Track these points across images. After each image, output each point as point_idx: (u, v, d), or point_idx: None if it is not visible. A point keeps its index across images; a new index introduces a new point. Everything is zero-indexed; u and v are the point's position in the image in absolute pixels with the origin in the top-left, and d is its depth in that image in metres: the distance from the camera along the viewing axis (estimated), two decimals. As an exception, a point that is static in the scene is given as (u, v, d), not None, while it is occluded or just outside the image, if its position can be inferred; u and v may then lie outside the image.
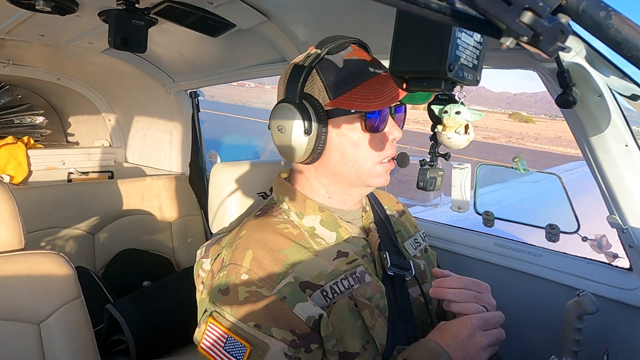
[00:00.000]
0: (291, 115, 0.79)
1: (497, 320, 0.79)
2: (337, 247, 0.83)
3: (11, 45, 2.07)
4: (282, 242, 0.80)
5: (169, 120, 2.59)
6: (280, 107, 0.82)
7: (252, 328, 0.72)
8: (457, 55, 0.61)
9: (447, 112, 0.83)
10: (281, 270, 0.76)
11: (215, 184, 1.03)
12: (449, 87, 0.66)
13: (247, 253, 0.78)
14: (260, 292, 0.74)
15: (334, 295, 0.77)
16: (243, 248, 0.79)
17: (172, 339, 1.78)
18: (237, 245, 0.81)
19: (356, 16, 1.18)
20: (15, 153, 2.57)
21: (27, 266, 1.04)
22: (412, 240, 0.99)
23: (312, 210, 0.85)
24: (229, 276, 0.77)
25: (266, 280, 0.75)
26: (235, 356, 0.72)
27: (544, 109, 68.60)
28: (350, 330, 0.77)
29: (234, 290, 0.75)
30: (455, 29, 0.59)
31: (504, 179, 3.07)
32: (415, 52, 0.62)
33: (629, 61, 0.36)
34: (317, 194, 0.88)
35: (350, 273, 0.80)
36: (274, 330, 0.72)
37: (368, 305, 0.79)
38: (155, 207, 2.37)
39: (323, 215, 0.85)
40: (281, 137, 0.82)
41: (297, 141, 0.80)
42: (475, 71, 0.68)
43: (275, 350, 0.71)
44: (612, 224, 1.00)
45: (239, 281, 0.76)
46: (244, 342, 0.72)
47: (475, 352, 0.74)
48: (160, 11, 1.41)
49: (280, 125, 0.81)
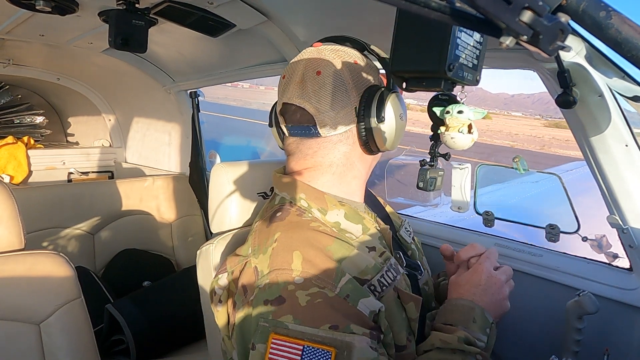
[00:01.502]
0: (402, 102, 0.84)
1: (496, 255, 0.88)
2: (365, 241, 0.82)
3: (11, 45, 2.07)
4: (325, 239, 0.76)
5: (169, 120, 2.59)
6: (396, 96, 0.83)
7: (329, 331, 0.66)
8: (457, 54, 0.61)
9: (449, 112, 0.82)
10: (337, 268, 0.72)
11: (215, 184, 1.03)
12: (448, 87, 0.66)
13: (295, 255, 0.73)
14: (323, 293, 0.69)
15: (383, 289, 0.76)
16: (286, 250, 0.74)
17: (172, 338, 1.78)
18: (275, 249, 0.75)
19: (356, 16, 1.18)
20: (15, 153, 2.57)
21: (27, 266, 1.04)
22: (403, 229, 1.01)
23: (334, 205, 0.83)
24: (277, 283, 0.71)
25: (325, 280, 0.70)
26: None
27: (542, 109, 68.73)
28: (397, 323, 0.76)
29: (290, 296, 0.69)
30: (455, 29, 0.59)
31: (504, 179, 3.07)
32: (415, 51, 0.62)
33: (629, 61, 0.36)
34: (333, 188, 0.86)
35: (389, 265, 0.79)
36: (353, 327, 0.67)
37: (413, 297, 0.79)
38: (155, 207, 2.37)
39: (345, 209, 0.83)
40: (402, 124, 0.85)
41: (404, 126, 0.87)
42: (475, 71, 0.68)
43: (362, 346, 0.66)
44: (612, 224, 1.00)
45: (293, 287, 0.70)
46: (325, 347, 0.66)
47: (498, 291, 0.81)
48: (160, 11, 1.41)
49: (402, 113, 0.84)
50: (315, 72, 0.82)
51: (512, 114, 76.31)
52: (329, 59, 0.83)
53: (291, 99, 0.84)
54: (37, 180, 2.63)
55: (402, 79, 0.71)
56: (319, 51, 0.84)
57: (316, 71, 0.82)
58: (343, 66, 0.82)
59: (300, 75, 0.83)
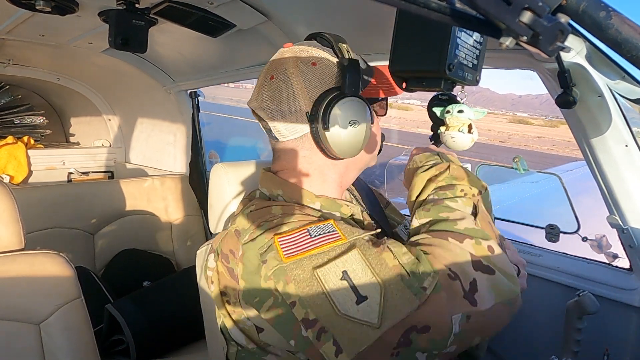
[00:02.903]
0: (362, 108, 0.79)
1: None
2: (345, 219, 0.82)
3: (11, 45, 2.07)
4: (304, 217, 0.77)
5: (168, 120, 2.59)
6: (352, 101, 0.78)
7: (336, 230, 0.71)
8: (457, 54, 0.61)
9: (449, 112, 0.82)
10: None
11: (215, 184, 1.03)
12: (448, 87, 0.66)
13: (274, 207, 0.78)
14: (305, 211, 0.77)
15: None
16: (264, 208, 0.78)
17: (172, 338, 1.78)
18: (252, 210, 0.79)
19: (356, 16, 1.18)
20: (16, 153, 2.57)
21: (27, 266, 1.04)
22: (402, 227, 1.02)
23: (310, 200, 0.83)
24: (261, 225, 0.74)
25: (304, 206, 0.77)
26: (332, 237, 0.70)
27: (549, 110, 68.64)
28: None
29: (277, 220, 0.74)
30: (455, 29, 0.59)
31: (504, 179, 3.07)
32: (415, 51, 0.62)
33: (629, 61, 0.36)
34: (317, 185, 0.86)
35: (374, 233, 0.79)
36: (354, 230, 0.72)
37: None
38: (155, 208, 2.37)
39: (320, 200, 0.83)
40: (354, 132, 0.78)
41: (369, 133, 0.81)
42: (475, 71, 0.68)
43: (363, 239, 0.70)
44: (612, 224, 1.00)
45: (281, 212, 0.76)
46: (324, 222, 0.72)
47: None
48: (160, 11, 1.41)
49: (355, 119, 0.78)
50: (269, 77, 0.82)
51: (517, 114, 76.14)
52: (285, 62, 0.81)
53: (251, 102, 0.86)
54: (37, 180, 2.63)
55: (402, 78, 0.71)
56: (282, 52, 0.84)
57: (270, 76, 0.82)
58: (296, 70, 0.80)
59: (260, 79, 0.85)
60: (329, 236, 0.69)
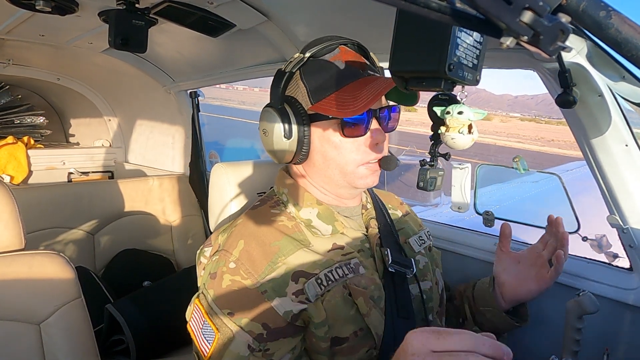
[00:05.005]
0: (273, 119, 0.83)
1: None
2: (332, 240, 0.85)
3: (11, 45, 2.07)
4: (274, 235, 0.82)
5: (169, 120, 2.59)
6: (265, 111, 0.86)
7: (225, 316, 0.75)
8: (457, 54, 0.61)
9: (449, 113, 0.82)
10: (269, 264, 0.78)
11: (215, 184, 1.03)
12: (448, 87, 0.66)
13: (240, 242, 0.81)
14: (242, 283, 0.77)
15: (329, 283, 0.78)
16: (236, 237, 0.83)
17: (172, 339, 1.78)
18: (232, 232, 0.85)
19: (356, 16, 1.18)
20: (16, 153, 2.57)
21: (27, 266, 1.04)
22: (416, 237, 1.00)
23: (310, 203, 0.87)
24: (219, 262, 0.81)
25: (251, 273, 0.77)
26: (208, 341, 0.75)
27: (545, 110, 68.70)
28: (342, 317, 0.78)
29: (219, 276, 0.79)
30: (455, 29, 0.59)
31: (504, 179, 3.07)
32: (415, 51, 0.62)
33: (629, 61, 0.36)
34: (314, 190, 0.90)
35: (345, 263, 0.82)
36: (244, 322, 0.74)
37: (362, 292, 0.80)
38: (156, 208, 2.37)
39: (320, 209, 0.87)
40: (265, 140, 0.87)
41: (279, 144, 0.84)
42: (475, 71, 0.68)
43: (240, 341, 0.73)
44: (612, 224, 1.00)
45: (225, 268, 0.79)
46: (214, 328, 0.75)
47: None
48: (160, 11, 1.41)
49: (265, 129, 0.86)
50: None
51: (510, 114, 76.14)
52: None
53: None
54: (37, 180, 2.63)
55: (402, 79, 0.71)
56: None
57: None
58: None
59: None
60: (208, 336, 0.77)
